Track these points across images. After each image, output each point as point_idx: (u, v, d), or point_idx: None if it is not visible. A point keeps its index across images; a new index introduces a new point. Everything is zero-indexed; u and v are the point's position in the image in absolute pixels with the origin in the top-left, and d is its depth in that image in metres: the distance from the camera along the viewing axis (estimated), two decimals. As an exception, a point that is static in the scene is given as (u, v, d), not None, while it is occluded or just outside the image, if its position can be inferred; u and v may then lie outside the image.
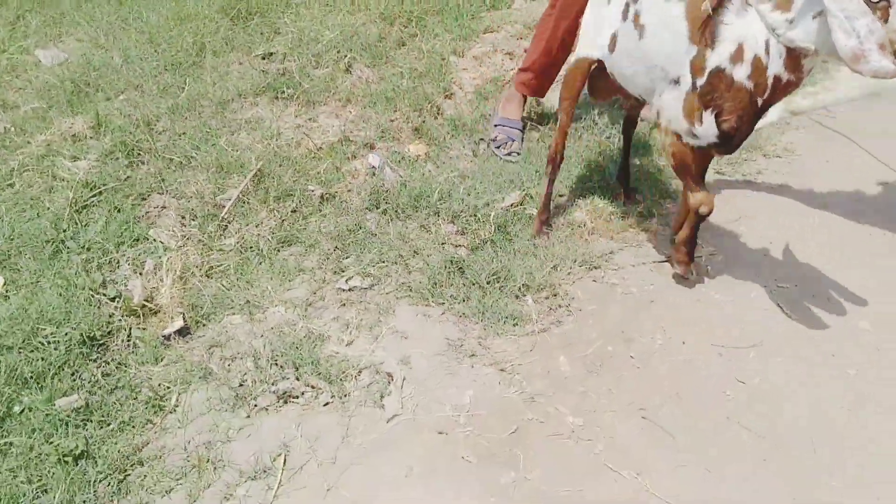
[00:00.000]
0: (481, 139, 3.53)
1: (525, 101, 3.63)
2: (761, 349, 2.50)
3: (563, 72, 3.22)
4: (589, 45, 2.65)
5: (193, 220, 2.98)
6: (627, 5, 2.46)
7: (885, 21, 1.90)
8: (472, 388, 2.36)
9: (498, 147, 3.47)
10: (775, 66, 2.14)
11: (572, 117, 2.86)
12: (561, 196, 3.16)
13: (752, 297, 2.70)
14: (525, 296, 2.67)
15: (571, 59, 2.79)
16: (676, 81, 2.35)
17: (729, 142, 2.36)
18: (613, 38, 2.54)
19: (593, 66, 2.69)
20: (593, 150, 3.44)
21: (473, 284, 2.69)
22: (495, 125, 3.55)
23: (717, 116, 2.28)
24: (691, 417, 2.27)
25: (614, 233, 2.97)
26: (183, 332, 2.53)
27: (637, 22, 2.42)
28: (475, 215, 2.98)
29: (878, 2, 1.89)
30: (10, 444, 2.14)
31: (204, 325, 2.58)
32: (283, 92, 3.69)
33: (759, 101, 2.22)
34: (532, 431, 2.22)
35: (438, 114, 3.65)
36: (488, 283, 2.69)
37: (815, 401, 2.31)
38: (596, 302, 2.68)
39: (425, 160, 3.36)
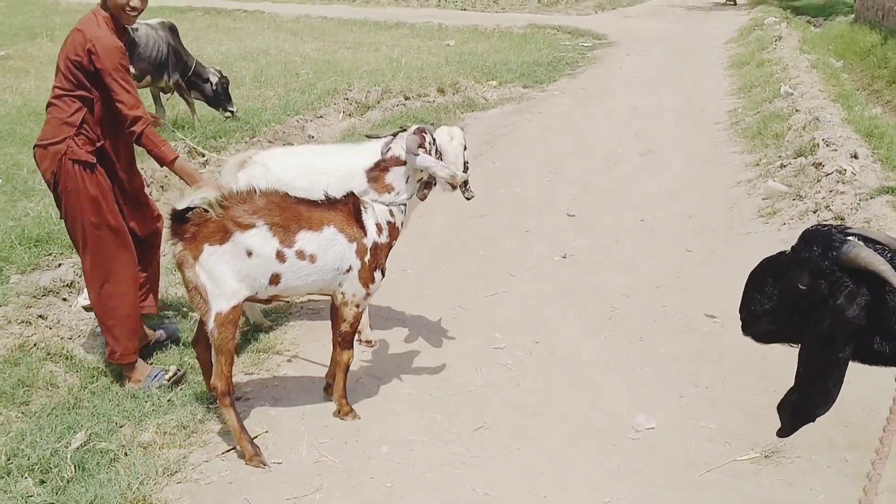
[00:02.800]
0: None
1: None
2: (323, 493, 3.31)
3: (214, 323, 3.39)
4: (235, 292, 3.35)
5: None
6: (279, 251, 3.36)
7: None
8: None
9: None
10: (400, 219, 3.74)
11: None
12: (121, 426, 3.63)
13: (303, 456, 3.53)
14: (124, 515, 3.07)
15: (221, 309, 3.33)
16: (349, 269, 3.55)
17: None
18: (276, 277, 3.40)
19: None
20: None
21: (75, 519, 3.00)
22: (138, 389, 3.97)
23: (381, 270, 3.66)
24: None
25: (182, 441, 3.55)
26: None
27: (304, 254, 3.41)
28: (49, 463, 3.28)
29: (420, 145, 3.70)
30: None
31: None
32: None
33: (394, 244, 3.73)
34: None
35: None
36: (87, 513, 3.03)
37: None
38: (187, 497, 3.21)
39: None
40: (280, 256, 3.38)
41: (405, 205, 3.76)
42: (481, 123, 10.28)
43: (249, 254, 3.33)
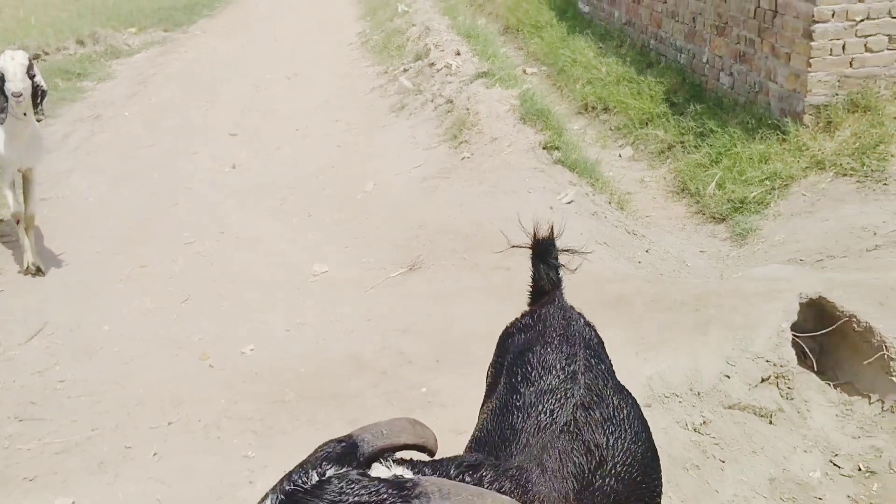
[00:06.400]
0: None
1: None
2: (62, 366, 3.90)
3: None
4: None
5: None
6: None
7: None
8: None
9: None
10: None
11: None
12: None
13: (34, 344, 4.06)
14: None
15: None
16: None
17: None
18: None
19: None
20: None
21: None
22: None
23: None
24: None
25: None
26: None
27: None
28: None
29: None
30: None
31: None
32: None
33: None
34: None
35: None
36: None
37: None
38: None
39: None
40: None
41: None
42: (130, 68, 10.47)
43: None
